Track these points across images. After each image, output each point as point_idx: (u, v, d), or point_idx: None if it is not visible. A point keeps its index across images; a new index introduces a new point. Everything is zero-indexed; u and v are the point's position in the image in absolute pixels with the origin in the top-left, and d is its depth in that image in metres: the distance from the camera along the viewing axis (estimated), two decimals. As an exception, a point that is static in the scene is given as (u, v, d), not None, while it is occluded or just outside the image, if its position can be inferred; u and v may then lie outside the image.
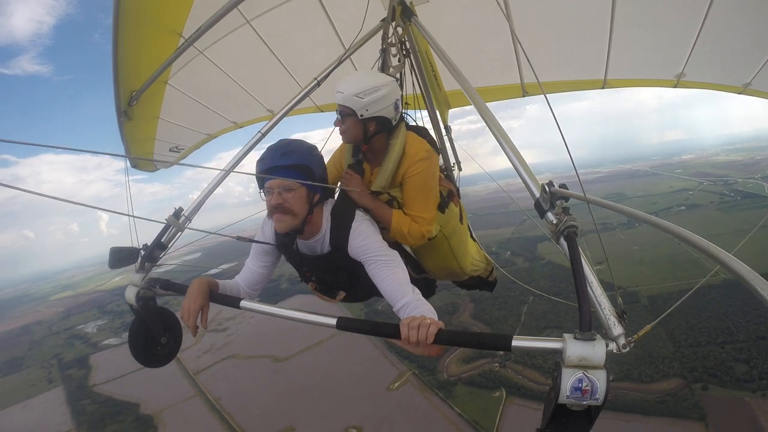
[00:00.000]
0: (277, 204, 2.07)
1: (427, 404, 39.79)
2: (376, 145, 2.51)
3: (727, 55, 3.71)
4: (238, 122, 5.18)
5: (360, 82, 2.34)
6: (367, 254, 2.12)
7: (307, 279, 2.55)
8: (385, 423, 37.82)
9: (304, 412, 40.78)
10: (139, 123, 3.69)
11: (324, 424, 38.93)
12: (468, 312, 52.94)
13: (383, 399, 40.92)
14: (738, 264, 1.28)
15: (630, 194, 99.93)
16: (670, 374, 37.35)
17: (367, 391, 41.56)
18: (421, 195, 2.46)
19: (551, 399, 1.37)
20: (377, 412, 39.04)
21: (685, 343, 40.25)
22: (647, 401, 34.84)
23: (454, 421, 37.33)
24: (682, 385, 36.00)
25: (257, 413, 41.85)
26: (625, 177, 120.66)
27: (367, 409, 39.61)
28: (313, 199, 2.15)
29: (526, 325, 46.40)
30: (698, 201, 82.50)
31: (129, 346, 2.43)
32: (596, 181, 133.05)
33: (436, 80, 4.12)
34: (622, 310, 1.46)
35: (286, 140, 2.22)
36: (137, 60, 3.04)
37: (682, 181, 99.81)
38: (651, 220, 1.61)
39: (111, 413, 46.31)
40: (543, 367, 40.45)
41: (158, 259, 2.49)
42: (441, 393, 40.83)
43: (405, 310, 1.92)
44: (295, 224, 2.12)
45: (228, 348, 56.95)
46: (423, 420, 37.75)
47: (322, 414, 40.07)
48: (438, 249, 2.78)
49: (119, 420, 44.99)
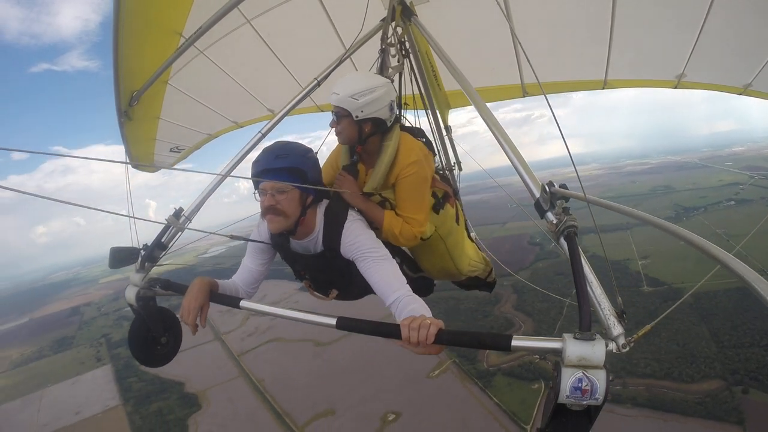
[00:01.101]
0: (270, 205, 2.11)
1: (465, 393, 39.73)
2: (371, 146, 2.52)
3: (728, 56, 3.71)
4: (238, 122, 5.18)
5: (355, 84, 2.36)
6: (358, 252, 2.14)
7: (302, 277, 2.59)
8: (423, 410, 37.85)
9: (344, 396, 41.22)
10: (140, 123, 3.69)
11: (363, 408, 39.36)
12: (510, 303, 52.43)
13: (422, 386, 41.00)
14: (739, 264, 1.28)
15: (678, 187, 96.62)
16: (711, 375, 36.35)
17: (407, 377, 41.66)
18: (413, 196, 2.47)
19: (551, 399, 1.37)
20: (416, 399, 39.14)
21: (729, 343, 38.93)
22: (686, 401, 34.26)
23: (492, 411, 37.25)
24: (722, 387, 34.99)
25: (298, 395, 42.57)
26: (673, 169, 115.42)
27: (406, 396, 39.77)
28: (305, 201, 2.18)
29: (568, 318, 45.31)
30: (749, 196, 77.54)
31: (129, 346, 2.44)
32: (644, 173, 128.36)
33: (436, 80, 4.12)
34: (621, 310, 1.46)
35: (282, 142, 2.25)
36: (138, 60, 3.04)
37: (733, 175, 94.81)
38: (651, 220, 1.62)
39: (157, 390, 47.83)
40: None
41: (158, 259, 2.50)
42: (480, 382, 40.76)
43: (397, 306, 1.93)
44: (287, 225, 2.15)
45: (272, 331, 57.49)
46: (461, 409, 37.66)
47: (362, 398, 40.48)
48: (434, 250, 2.79)
49: (165, 397, 46.44)
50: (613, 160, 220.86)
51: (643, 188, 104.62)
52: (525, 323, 47.92)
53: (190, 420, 42.20)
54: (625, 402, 34.74)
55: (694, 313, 42.72)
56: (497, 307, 51.90)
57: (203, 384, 47.57)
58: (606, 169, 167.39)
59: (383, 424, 37.54)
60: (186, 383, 48.14)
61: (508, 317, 49.92)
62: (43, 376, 55.91)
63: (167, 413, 43.71)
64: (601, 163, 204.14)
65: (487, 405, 38.03)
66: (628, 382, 36.58)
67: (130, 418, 43.74)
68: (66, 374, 55.44)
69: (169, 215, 2.56)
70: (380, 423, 37.62)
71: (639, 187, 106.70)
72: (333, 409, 40.26)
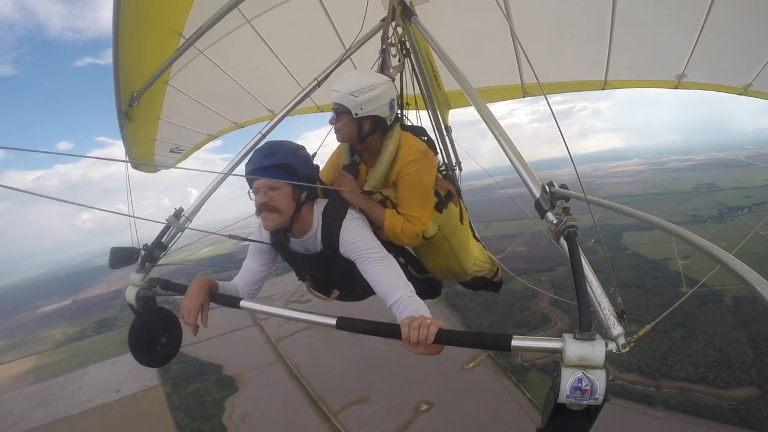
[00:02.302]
0: (263, 203, 2.13)
1: (499, 387, 39.74)
2: (371, 145, 2.51)
3: (728, 56, 3.70)
4: (238, 122, 5.18)
5: (355, 81, 2.35)
6: (358, 252, 2.14)
7: (303, 277, 2.58)
8: (456, 402, 37.95)
9: (378, 384, 41.56)
10: (140, 124, 3.69)
11: (397, 396, 39.67)
12: (547, 299, 51.72)
13: (456, 378, 41.09)
14: (739, 265, 1.28)
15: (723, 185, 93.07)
16: (747, 382, 35.23)
17: (441, 369, 41.78)
18: (414, 194, 2.46)
19: (551, 398, 1.37)
20: (449, 391, 39.28)
21: (767, 350, 37.67)
22: (720, 407, 33.37)
23: (524, 405, 37.11)
24: (757, 394, 33.91)
25: (334, 382, 43.05)
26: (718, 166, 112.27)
27: (439, 387, 39.94)
28: (299, 196, 2.18)
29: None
30: (797, 197, 74.87)
31: (129, 346, 2.44)
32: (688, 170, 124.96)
33: (436, 80, 4.12)
34: (621, 310, 1.46)
35: (273, 141, 2.28)
36: (138, 60, 3.04)
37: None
38: (651, 220, 1.61)
39: (195, 372, 48.86)
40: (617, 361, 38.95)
41: (158, 259, 2.50)
42: (514, 377, 40.62)
43: (397, 307, 1.93)
44: (281, 222, 2.16)
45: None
46: (494, 402, 37.70)
47: (396, 387, 40.75)
48: (438, 249, 2.77)
49: (203, 379, 47.49)
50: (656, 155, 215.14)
51: (687, 186, 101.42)
52: (561, 320, 47.59)
53: (226, 402, 43.06)
54: (658, 404, 34.42)
55: (733, 318, 41.81)
56: (534, 302, 51.35)
57: (241, 368, 48.54)
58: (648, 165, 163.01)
59: (416, 413, 37.83)
60: (224, 366, 49.30)
61: (544, 313, 49.48)
62: (85, 355, 57.66)
63: (205, 394, 44.77)
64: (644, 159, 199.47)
65: (519, 400, 37.93)
66: (662, 385, 36.16)
67: (169, 398, 44.93)
68: (107, 354, 56.45)
69: (170, 215, 2.57)
70: (413, 412, 37.94)
71: (682, 185, 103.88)
72: (367, 396, 40.75)
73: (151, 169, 4.67)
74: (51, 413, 45.07)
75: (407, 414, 37.80)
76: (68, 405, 46.17)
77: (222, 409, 42.04)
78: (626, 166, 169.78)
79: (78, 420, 43.74)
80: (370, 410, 39.00)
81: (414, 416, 37.58)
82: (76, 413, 44.75)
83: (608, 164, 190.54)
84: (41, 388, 50.79)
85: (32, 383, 52.75)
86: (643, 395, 35.37)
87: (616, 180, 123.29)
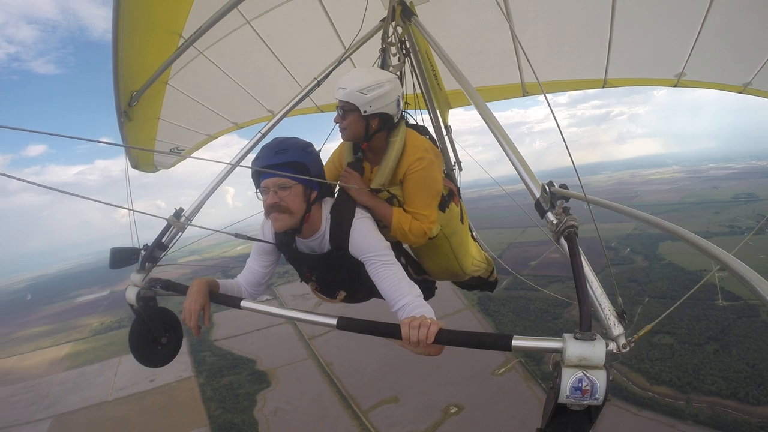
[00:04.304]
0: (274, 203, 2.04)
1: (529, 393, 39.68)
2: (377, 143, 2.47)
3: (728, 55, 3.71)
4: (238, 122, 5.18)
5: (364, 78, 2.32)
6: (368, 254, 2.10)
7: (308, 279, 2.53)
8: (485, 406, 38.12)
9: (409, 385, 41.86)
10: (140, 124, 3.69)
11: (427, 398, 39.93)
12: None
13: (487, 382, 41.26)
14: (739, 264, 1.28)
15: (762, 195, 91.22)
16: None
17: (472, 373, 42.09)
18: (422, 192, 2.43)
19: (551, 398, 1.37)
20: (479, 395, 39.50)
21: None
22: (749, 424, 32.71)
23: None
24: None
25: (365, 381, 43.58)
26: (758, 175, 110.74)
27: (469, 390, 40.18)
28: (310, 196, 2.12)
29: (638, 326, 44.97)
30: (838, 210, 72.39)
31: (129, 346, 2.44)
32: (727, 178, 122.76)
33: (436, 80, 4.12)
34: (622, 310, 1.46)
35: (281, 138, 2.20)
36: (137, 60, 3.04)
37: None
38: (651, 220, 1.61)
39: (229, 366, 49.95)
40: (650, 372, 39.01)
41: (159, 259, 2.49)
42: (544, 384, 40.40)
43: (404, 311, 1.91)
44: (292, 223, 2.09)
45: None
46: (523, 408, 37.66)
47: (427, 389, 41.01)
48: (439, 249, 2.76)
49: (236, 372, 48.55)
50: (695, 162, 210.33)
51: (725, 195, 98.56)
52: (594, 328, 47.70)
53: (258, 396, 43.92)
54: (687, 418, 33.96)
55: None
56: (567, 310, 50.49)
57: (273, 363, 49.54)
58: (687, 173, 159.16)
59: (445, 415, 38.03)
60: (257, 361, 50.34)
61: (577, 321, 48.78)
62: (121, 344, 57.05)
63: (237, 387, 45.57)
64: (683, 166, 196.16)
65: (548, 408, 38.31)
66: (692, 398, 35.66)
67: (202, 389, 45.95)
68: None
69: (170, 215, 2.56)
70: (442, 414, 38.15)
71: (721, 194, 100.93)
72: (397, 396, 41.10)
73: (150, 168, 4.67)
74: (86, 398, 46.46)
75: (436, 416, 38.05)
76: (103, 391, 47.53)
77: (254, 402, 42.87)
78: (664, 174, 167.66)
79: (112, 406, 44.92)
80: (399, 410, 39.40)
81: (443, 418, 37.80)
82: (111, 399, 46.04)
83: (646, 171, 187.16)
84: (77, 373, 52.36)
85: (68, 369, 54.44)
86: (672, 408, 35.06)
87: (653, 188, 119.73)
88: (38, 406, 45.90)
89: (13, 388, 50.95)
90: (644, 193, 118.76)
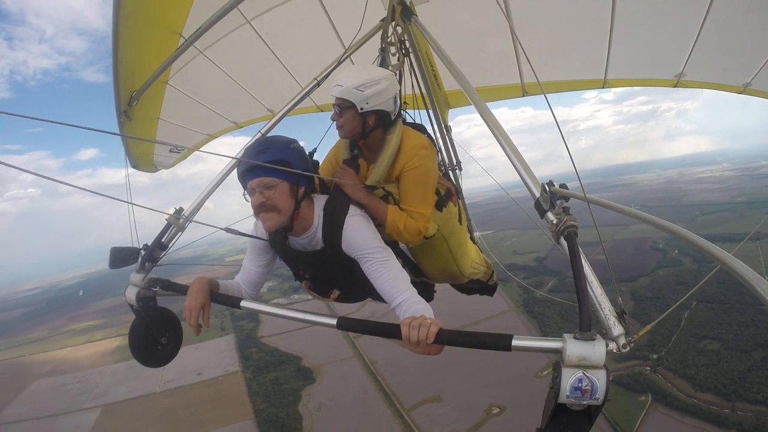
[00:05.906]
0: (260, 203, 2.04)
1: None
2: (373, 140, 2.46)
3: (727, 55, 3.71)
4: (238, 122, 5.18)
5: (360, 75, 2.31)
6: (362, 251, 2.08)
7: (301, 277, 2.51)
8: (527, 408, 37.40)
9: (452, 385, 42.00)
10: (140, 123, 3.68)
11: (469, 398, 40.10)
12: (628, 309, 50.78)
13: (529, 385, 40.75)
14: (738, 264, 1.28)
15: None
16: None
17: (515, 375, 41.94)
18: (418, 190, 2.41)
19: (551, 398, 1.38)
20: (521, 396, 39.13)
21: None
22: None
23: None
24: None
25: (408, 380, 43.76)
26: None
27: (512, 392, 40.14)
28: (297, 192, 2.11)
29: (685, 332, 43.66)
30: None
31: (129, 346, 2.43)
32: None
33: (436, 80, 4.12)
34: (622, 310, 1.46)
35: (263, 138, 2.20)
36: (137, 60, 3.04)
37: None
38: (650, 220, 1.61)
39: (275, 362, 51.30)
40: (695, 378, 38.09)
41: (158, 259, 2.49)
42: None
43: (402, 308, 1.91)
44: (282, 221, 2.08)
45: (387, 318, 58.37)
46: None
47: (469, 389, 41.18)
48: (436, 250, 2.74)
49: (282, 369, 49.77)
50: (747, 159, 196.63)
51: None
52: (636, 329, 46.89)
53: (303, 391, 44.85)
54: (731, 427, 33.07)
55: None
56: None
57: (319, 360, 50.39)
58: (738, 171, 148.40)
59: (487, 416, 38.16)
60: (303, 358, 51.33)
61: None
62: None
63: (283, 383, 46.67)
64: (733, 164, 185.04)
65: (589, 411, 38.02)
66: (737, 407, 34.59)
67: (248, 384, 47.00)
68: (190, 340, 57.60)
69: (170, 215, 2.56)
70: (484, 415, 38.26)
71: None
72: (440, 396, 41.31)
73: (150, 168, 4.67)
74: (134, 389, 47.37)
75: (478, 416, 38.19)
76: (151, 383, 48.22)
77: (299, 397, 43.82)
78: (714, 172, 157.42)
79: (160, 398, 45.99)
80: (441, 410, 39.61)
81: (485, 419, 37.91)
82: (159, 391, 47.04)
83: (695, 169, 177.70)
84: (126, 366, 52.68)
85: (117, 361, 55.30)
86: (717, 417, 34.23)
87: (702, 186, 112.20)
88: (88, 395, 47.38)
89: (64, 377, 52.65)
90: (693, 192, 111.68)
